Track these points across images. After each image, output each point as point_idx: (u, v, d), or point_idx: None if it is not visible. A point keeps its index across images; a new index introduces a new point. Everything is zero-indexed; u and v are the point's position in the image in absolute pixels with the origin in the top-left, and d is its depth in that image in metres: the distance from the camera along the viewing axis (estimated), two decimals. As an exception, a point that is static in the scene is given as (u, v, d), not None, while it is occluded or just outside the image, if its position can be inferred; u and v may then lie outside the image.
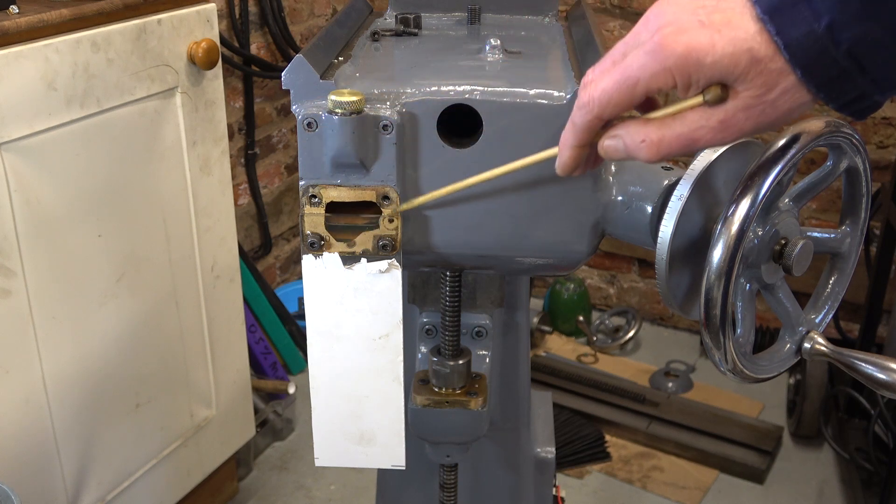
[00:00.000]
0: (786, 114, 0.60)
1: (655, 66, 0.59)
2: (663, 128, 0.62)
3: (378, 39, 0.95)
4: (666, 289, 0.79)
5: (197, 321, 1.78)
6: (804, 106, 0.59)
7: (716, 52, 0.57)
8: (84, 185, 1.45)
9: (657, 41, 0.58)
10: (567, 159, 0.68)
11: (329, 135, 0.74)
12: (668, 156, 0.63)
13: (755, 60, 0.57)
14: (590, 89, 0.63)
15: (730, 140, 0.61)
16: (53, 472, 1.51)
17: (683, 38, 0.58)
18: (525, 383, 1.12)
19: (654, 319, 2.99)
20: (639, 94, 0.61)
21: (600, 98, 0.62)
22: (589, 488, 2.23)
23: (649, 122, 0.63)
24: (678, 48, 0.58)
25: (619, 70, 0.61)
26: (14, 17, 1.31)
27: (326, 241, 0.78)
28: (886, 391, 0.74)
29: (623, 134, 0.64)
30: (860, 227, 0.83)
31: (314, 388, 0.84)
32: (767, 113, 0.59)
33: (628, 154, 0.64)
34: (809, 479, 2.27)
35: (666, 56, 0.58)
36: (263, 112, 2.64)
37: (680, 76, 0.59)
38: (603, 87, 0.62)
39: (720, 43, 0.57)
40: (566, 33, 1.01)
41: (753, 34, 0.57)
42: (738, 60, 0.57)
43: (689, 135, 0.61)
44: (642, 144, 0.63)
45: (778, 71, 0.57)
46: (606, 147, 0.66)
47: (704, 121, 0.60)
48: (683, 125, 0.61)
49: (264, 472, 2.26)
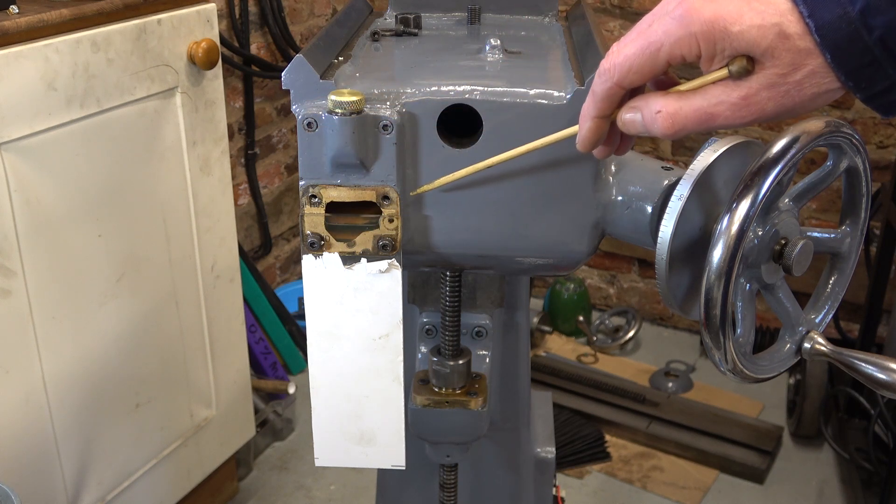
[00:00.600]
0: (811, 98, 0.58)
1: (680, 31, 0.57)
2: (682, 100, 0.60)
3: (378, 39, 0.95)
4: (666, 289, 0.79)
5: (197, 321, 1.78)
6: (830, 94, 0.58)
7: (743, 21, 0.56)
8: (84, 185, 1.45)
9: (685, 7, 0.57)
10: (587, 132, 0.66)
11: (329, 135, 0.74)
12: (683, 130, 0.61)
13: (783, 36, 0.55)
14: (612, 56, 0.61)
15: (749, 121, 0.59)
16: (53, 472, 1.52)
17: (711, 6, 0.56)
18: (525, 383, 1.12)
19: (654, 319, 2.99)
20: (661, 61, 0.59)
21: (622, 64, 0.61)
22: (589, 488, 2.23)
23: (668, 94, 0.61)
24: (705, 14, 0.56)
25: (642, 36, 0.60)
26: (14, 17, 1.31)
27: (326, 241, 0.78)
28: (886, 391, 0.74)
29: (642, 105, 0.62)
30: (860, 227, 0.83)
31: (314, 388, 0.84)
32: (792, 94, 0.57)
33: (645, 128, 0.62)
34: (809, 479, 2.27)
35: (692, 21, 0.57)
36: (263, 112, 2.64)
37: (705, 43, 0.57)
38: (626, 53, 0.60)
39: (748, 14, 0.56)
40: (566, 33, 1.01)
41: (784, 11, 0.55)
42: (765, 33, 0.55)
43: (708, 109, 0.59)
44: (658, 115, 0.61)
45: (806, 51, 0.56)
46: (625, 120, 0.64)
47: (725, 96, 0.59)
48: (704, 99, 0.59)
49: (264, 472, 2.26)
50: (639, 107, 0.63)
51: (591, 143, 0.67)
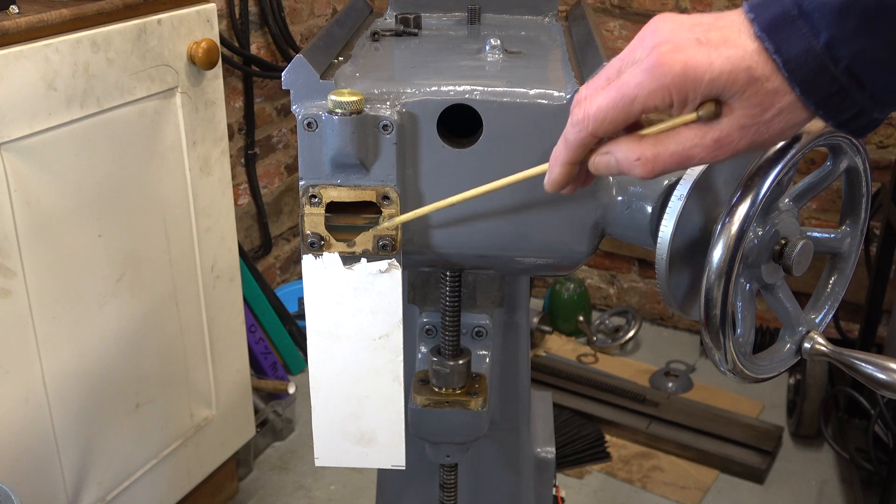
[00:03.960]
0: (779, 133, 0.60)
1: (653, 84, 0.59)
2: (658, 145, 0.62)
3: (378, 39, 0.95)
4: (666, 289, 0.79)
5: (197, 321, 1.78)
6: (800, 124, 0.59)
7: (713, 69, 0.57)
8: (84, 185, 1.45)
9: (654, 59, 0.58)
10: (557, 176, 0.68)
11: (329, 135, 0.74)
12: (662, 173, 0.63)
13: (753, 79, 0.57)
14: (584, 106, 0.63)
15: (724, 158, 0.61)
16: (53, 472, 1.52)
17: (681, 57, 0.57)
18: (525, 383, 1.12)
19: (654, 319, 2.99)
20: (635, 112, 0.61)
21: (595, 115, 0.62)
22: (589, 488, 2.23)
23: (643, 140, 0.62)
24: (676, 66, 0.57)
25: (615, 87, 0.61)
26: (14, 17, 1.31)
27: (326, 241, 0.78)
28: (886, 391, 0.74)
29: (615, 150, 0.64)
30: (860, 227, 0.83)
31: (314, 388, 0.84)
32: (762, 132, 0.59)
33: (620, 171, 0.64)
34: (809, 479, 2.27)
35: (664, 74, 0.58)
36: (263, 112, 2.64)
37: (677, 94, 0.59)
38: (598, 104, 0.62)
39: (718, 61, 0.57)
40: (566, 33, 1.01)
41: (751, 52, 0.57)
42: (735, 78, 0.57)
43: (684, 153, 0.61)
44: (637, 163, 0.62)
45: (774, 91, 0.57)
46: (598, 163, 0.65)
47: (699, 139, 0.60)
48: (678, 143, 0.61)
49: (264, 472, 2.26)
50: (612, 151, 0.64)
51: (561, 185, 0.69)
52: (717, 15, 0.60)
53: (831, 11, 0.54)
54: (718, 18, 0.59)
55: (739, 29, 0.57)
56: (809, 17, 0.55)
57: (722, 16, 0.59)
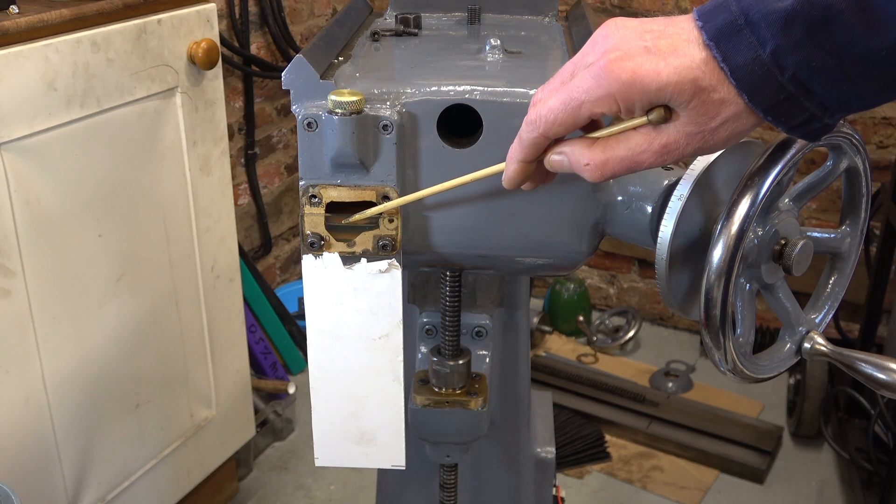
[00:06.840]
0: (726, 140, 0.61)
1: (600, 91, 0.59)
2: (608, 150, 0.63)
3: (378, 39, 0.95)
4: (666, 289, 0.79)
5: (197, 321, 1.78)
6: (746, 131, 0.60)
7: (661, 79, 0.58)
8: (84, 185, 1.45)
9: (602, 66, 0.59)
10: (512, 173, 0.69)
11: (329, 135, 0.74)
12: (612, 177, 0.64)
13: (699, 90, 0.58)
14: (538, 107, 0.64)
15: (671, 162, 0.63)
16: (53, 472, 1.52)
17: (629, 65, 0.58)
18: (525, 383, 1.12)
19: (654, 319, 2.99)
20: (583, 116, 0.62)
21: (546, 117, 0.63)
22: (589, 488, 2.23)
23: (594, 145, 0.64)
24: (623, 75, 0.58)
25: (565, 91, 0.62)
26: (14, 17, 1.31)
27: (326, 241, 0.78)
28: (886, 391, 0.74)
29: (569, 153, 0.65)
30: (860, 227, 0.83)
31: (314, 388, 0.84)
32: (707, 139, 0.60)
33: (573, 171, 0.65)
34: (809, 479, 2.27)
35: (611, 82, 0.59)
36: (263, 112, 2.64)
37: (624, 102, 0.59)
38: (550, 105, 0.63)
39: (665, 71, 0.57)
40: (566, 33, 1.01)
41: (699, 62, 0.57)
42: (682, 88, 0.58)
43: (633, 158, 0.62)
44: (587, 167, 0.64)
45: (721, 100, 0.58)
46: (552, 162, 0.67)
47: (647, 145, 0.61)
48: (627, 149, 0.62)
49: (264, 472, 2.26)
50: (565, 153, 0.65)
51: (517, 183, 0.70)
52: (667, 20, 0.60)
53: (777, 21, 0.55)
54: (669, 24, 0.59)
55: (689, 37, 0.58)
56: (755, 26, 0.56)
57: (672, 21, 0.60)
